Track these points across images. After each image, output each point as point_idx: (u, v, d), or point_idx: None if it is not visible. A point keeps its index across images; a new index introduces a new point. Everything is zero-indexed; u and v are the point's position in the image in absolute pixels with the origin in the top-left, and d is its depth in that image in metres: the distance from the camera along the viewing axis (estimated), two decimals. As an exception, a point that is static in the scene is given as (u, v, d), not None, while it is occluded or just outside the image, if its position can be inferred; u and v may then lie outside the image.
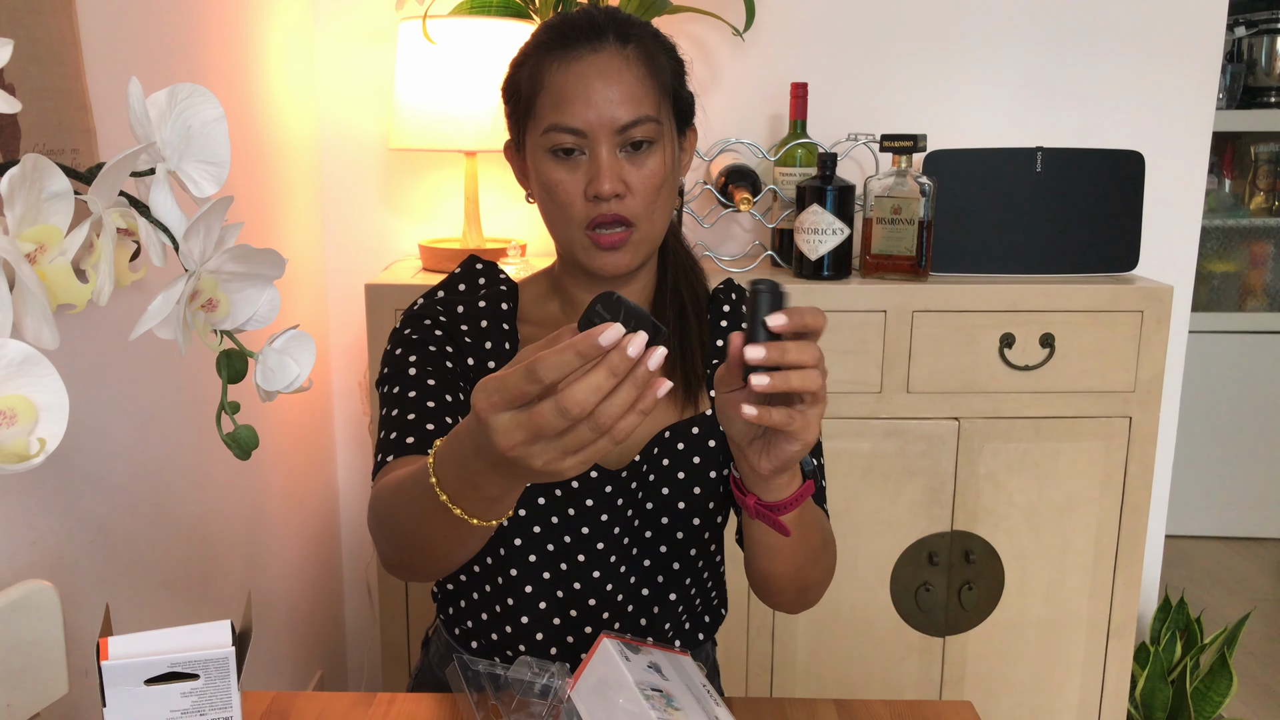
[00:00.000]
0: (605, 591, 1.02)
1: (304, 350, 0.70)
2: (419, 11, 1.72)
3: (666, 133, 0.97)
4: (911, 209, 1.67)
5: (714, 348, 1.06)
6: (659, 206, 0.97)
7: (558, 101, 0.93)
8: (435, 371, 0.99)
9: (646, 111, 0.94)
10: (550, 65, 0.94)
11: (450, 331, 1.02)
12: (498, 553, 1.02)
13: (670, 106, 0.98)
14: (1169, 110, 1.96)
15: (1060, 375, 1.69)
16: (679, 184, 1.02)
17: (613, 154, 0.94)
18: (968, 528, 1.73)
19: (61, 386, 0.55)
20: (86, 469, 1.17)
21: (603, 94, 0.92)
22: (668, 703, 0.84)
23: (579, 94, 0.93)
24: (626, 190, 0.94)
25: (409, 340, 1.01)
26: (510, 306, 1.04)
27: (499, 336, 1.02)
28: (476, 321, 1.03)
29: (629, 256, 0.96)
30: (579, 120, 0.93)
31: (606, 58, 0.93)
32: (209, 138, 0.65)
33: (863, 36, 1.94)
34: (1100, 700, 1.81)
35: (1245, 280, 3.32)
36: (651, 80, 0.95)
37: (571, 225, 0.96)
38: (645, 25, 0.98)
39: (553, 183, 0.95)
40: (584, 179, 0.94)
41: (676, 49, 1.01)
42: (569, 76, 0.93)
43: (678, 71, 1.00)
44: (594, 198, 0.94)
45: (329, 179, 2.01)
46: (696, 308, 1.06)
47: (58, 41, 1.05)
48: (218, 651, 0.75)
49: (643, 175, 0.95)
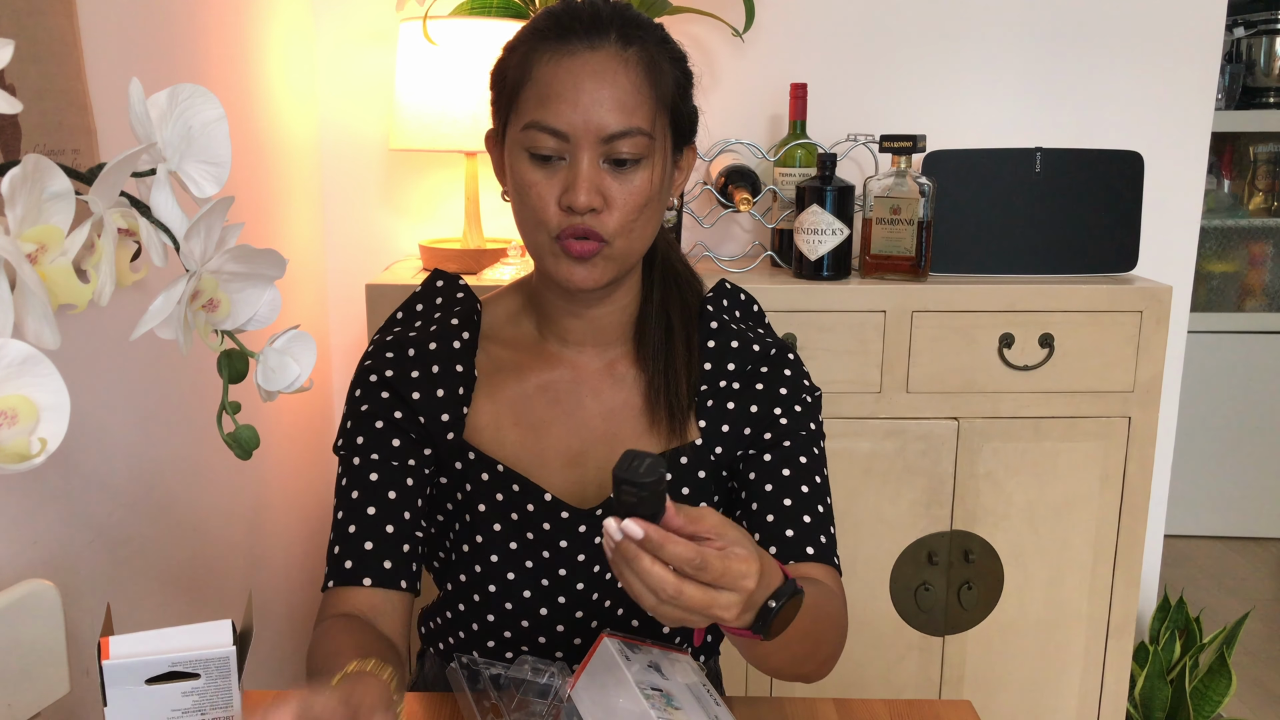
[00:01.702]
0: (591, 630, 1.00)
1: (305, 350, 0.70)
2: (419, 12, 1.73)
3: (658, 149, 0.89)
4: (911, 209, 1.67)
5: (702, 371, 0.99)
6: (639, 226, 0.89)
7: (543, 97, 0.86)
8: (380, 461, 0.94)
9: (638, 123, 0.86)
10: (542, 56, 0.87)
11: (398, 386, 0.95)
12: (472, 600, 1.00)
13: (668, 121, 0.90)
14: (1168, 110, 1.96)
15: (1059, 375, 1.69)
16: (668, 203, 0.94)
17: (594, 164, 0.86)
18: (967, 527, 1.73)
19: (62, 386, 0.55)
20: (87, 469, 1.17)
21: (592, 96, 0.85)
22: (668, 702, 0.84)
23: (566, 93, 0.85)
24: (604, 205, 0.87)
25: (358, 414, 0.96)
26: (466, 339, 0.97)
27: (451, 380, 0.96)
28: (428, 364, 0.96)
29: (597, 273, 0.89)
30: (562, 121, 0.85)
31: (604, 58, 0.86)
32: (210, 138, 0.65)
33: (863, 36, 1.94)
34: (1099, 699, 1.81)
35: (1244, 280, 3.32)
36: (650, 89, 0.87)
37: (540, 230, 0.89)
38: (654, 28, 0.91)
39: (527, 184, 0.88)
40: (560, 186, 0.87)
41: (687, 59, 0.94)
42: (559, 72, 0.86)
43: (682, 84, 0.92)
44: (567, 208, 0.87)
45: (329, 179, 2.01)
46: (686, 329, 0.99)
47: (58, 42, 1.05)
48: (219, 651, 0.75)
49: (625, 191, 0.87)
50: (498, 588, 0.99)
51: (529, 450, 0.97)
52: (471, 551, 0.99)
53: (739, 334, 1.01)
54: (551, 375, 0.98)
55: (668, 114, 0.90)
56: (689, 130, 0.95)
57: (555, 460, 0.97)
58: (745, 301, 1.07)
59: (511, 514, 0.97)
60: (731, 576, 0.68)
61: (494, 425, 0.97)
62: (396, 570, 0.93)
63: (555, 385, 0.98)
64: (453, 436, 0.96)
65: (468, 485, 0.98)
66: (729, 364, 1.00)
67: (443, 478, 0.99)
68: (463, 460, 0.97)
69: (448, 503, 1.00)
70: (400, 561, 0.93)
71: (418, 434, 0.96)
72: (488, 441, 0.97)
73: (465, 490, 0.98)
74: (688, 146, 0.96)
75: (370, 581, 0.92)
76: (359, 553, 0.92)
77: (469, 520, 0.99)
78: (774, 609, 0.74)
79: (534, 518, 0.97)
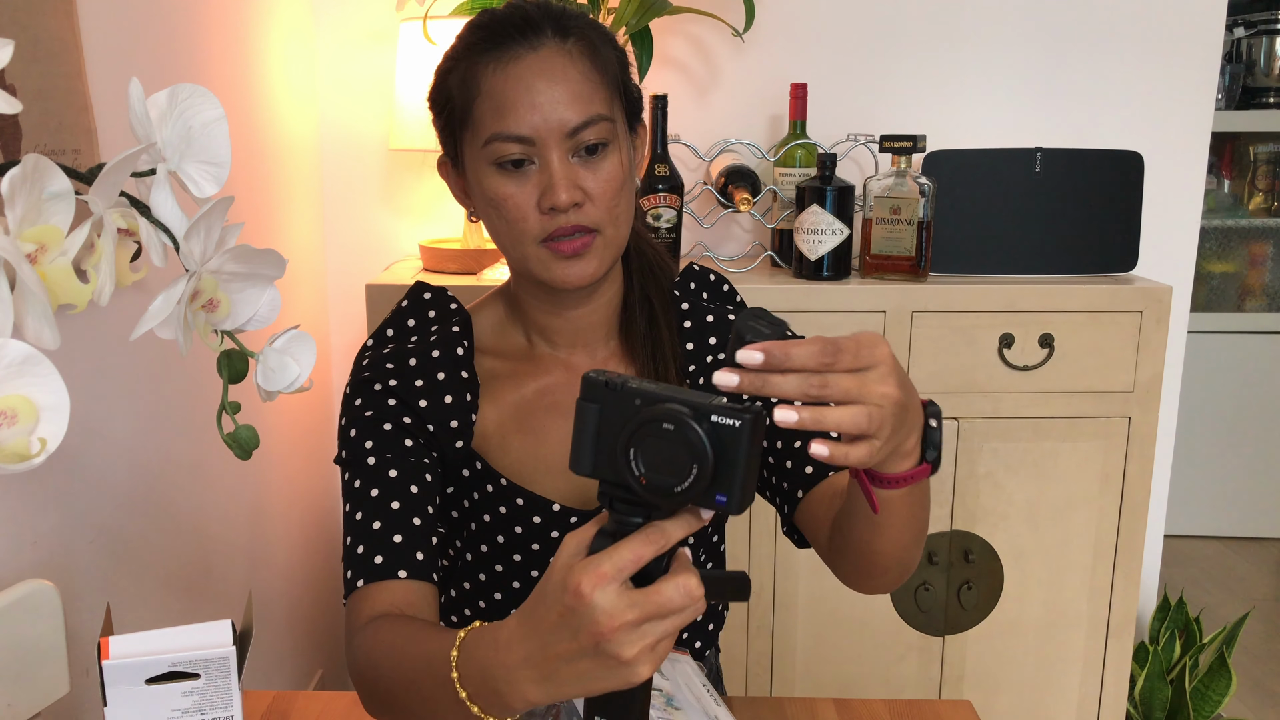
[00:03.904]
0: None
1: (304, 350, 0.70)
2: (419, 12, 1.73)
3: (620, 131, 0.90)
4: (911, 209, 1.67)
5: (685, 352, 0.99)
6: (621, 210, 0.89)
7: (498, 108, 0.85)
8: (395, 459, 0.91)
9: (597, 110, 0.86)
10: (485, 69, 0.86)
11: (404, 395, 0.94)
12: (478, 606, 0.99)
13: (620, 101, 0.91)
14: (1168, 110, 1.96)
15: (1059, 375, 1.69)
16: (636, 184, 0.95)
17: (564, 160, 0.86)
18: (967, 527, 1.73)
19: (62, 386, 0.55)
20: (87, 469, 1.17)
21: (547, 95, 0.85)
22: (667, 702, 0.84)
23: (521, 98, 0.85)
24: (585, 197, 0.86)
25: (363, 419, 0.93)
26: (467, 346, 0.96)
27: (458, 388, 0.95)
28: (432, 373, 0.95)
29: (594, 264, 0.89)
30: (524, 126, 0.85)
31: (547, 55, 0.86)
32: (209, 138, 0.65)
33: (863, 36, 1.94)
34: (1099, 699, 1.81)
35: (1244, 280, 3.32)
36: (598, 76, 0.88)
37: (525, 241, 0.88)
38: (582, 15, 0.91)
39: (500, 198, 0.87)
40: (535, 190, 0.86)
41: (617, 39, 0.93)
42: (507, 80, 0.85)
43: (623, 64, 0.92)
44: (549, 210, 0.86)
45: (329, 179, 2.01)
46: (666, 313, 0.99)
47: (58, 42, 1.05)
48: (218, 651, 0.75)
49: (600, 180, 0.87)
50: (503, 595, 0.99)
51: (532, 456, 0.97)
52: (476, 560, 0.99)
53: (714, 310, 1.02)
54: (547, 380, 0.98)
55: (619, 95, 0.91)
56: (638, 107, 0.95)
57: (558, 465, 0.97)
58: (715, 283, 1.06)
59: (516, 526, 0.97)
60: (867, 349, 0.62)
61: (499, 433, 0.97)
62: (428, 562, 0.89)
63: (553, 390, 0.98)
64: (461, 445, 0.95)
65: (475, 493, 0.97)
66: (710, 338, 1.01)
67: (449, 486, 0.99)
68: (470, 469, 0.97)
69: (454, 511, 1.00)
70: (430, 554, 0.89)
71: (426, 440, 0.95)
72: (493, 449, 0.97)
73: (473, 498, 0.98)
74: (639, 124, 0.96)
75: (405, 574, 0.86)
76: (389, 547, 0.87)
77: (475, 528, 0.98)
78: (936, 427, 0.69)
79: (541, 529, 0.97)
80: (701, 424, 0.57)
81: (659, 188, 1.73)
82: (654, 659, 0.60)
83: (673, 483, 0.57)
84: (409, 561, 0.87)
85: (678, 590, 0.58)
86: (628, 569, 0.59)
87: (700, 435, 0.57)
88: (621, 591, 0.58)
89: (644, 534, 0.59)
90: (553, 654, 0.61)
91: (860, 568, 0.85)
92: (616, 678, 0.60)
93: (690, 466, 0.57)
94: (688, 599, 0.58)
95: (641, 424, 0.58)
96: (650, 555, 0.59)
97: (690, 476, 0.57)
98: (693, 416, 0.57)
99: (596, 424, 0.60)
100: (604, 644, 0.59)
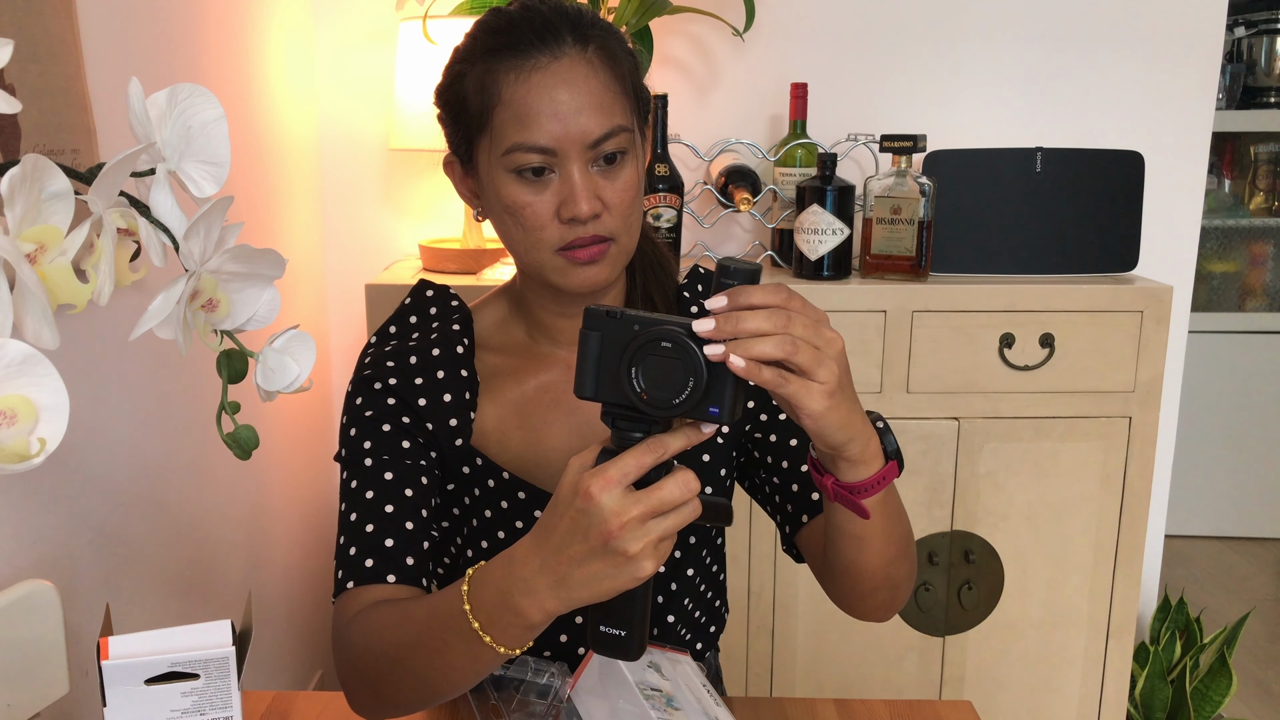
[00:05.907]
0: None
1: (304, 350, 0.70)
2: (419, 12, 1.72)
3: (636, 138, 0.90)
4: (911, 209, 1.67)
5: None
6: (634, 216, 0.90)
7: (521, 118, 0.85)
8: (392, 461, 0.92)
9: (618, 121, 0.86)
10: (505, 76, 0.85)
11: (403, 394, 0.94)
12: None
13: (635, 106, 0.91)
14: (1169, 110, 1.96)
15: (1060, 375, 1.69)
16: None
17: (585, 172, 0.86)
18: (967, 527, 1.73)
19: (62, 386, 0.55)
20: (87, 469, 1.17)
21: (570, 106, 0.84)
22: (667, 703, 0.84)
23: (544, 109, 0.84)
24: (603, 207, 0.87)
25: (362, 419, 0.94)
26: (467, 345, 0.97)
27: (458, 386, 0.95)
28: (432, 371, 0.95)
29: (608, 270, 0.89)
30: (546, 138, 0.84)
31: (569, 64, 0.85)
32: (209, 138, 0.65)
33: (863, 36, 1.94)
34: (1100, 700, 1.81)
35: (1245, 280, 3.31)
36: (618, 85, 0.88)
37: (541, 249, 0.88)
38: (596, 17, 0.90)
39: (519, 205, 0.87)
40: (554, 200, 0.86)
41: (627, 39, 0.93)
42: (530, 89, 0.84)
43: (636, 66, 0.92)
44: (569, 220, 0.86)
45: (329, 179, 2.01)
46: (668, 310, 0.99)
47: (58, 41, 1.05)
48: (218, 651, 0.75)
49: (617, 189, 0.87)
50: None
51: (532, 452, 0.97)
52: (477, 556, 0.99)
53: None
54: (548, 377, 0.98)
55: (634, 100, 0.91)
56: (648, 109, 0.95)
57: (559, 461, 0.97)
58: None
59: (517, 521, 0.97)
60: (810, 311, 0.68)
61: (499, 429, 0.97)
62: (418, 567, 0.90)
63: (553, 386, 0.98)
64: (460, 443, 0.96)
65: (475, 490, 0.97)
66: None
67: (449, 484, 0.99)
68: (470, 465, 0.97)
69: (454, 508, 1.00)
70: (421, 559, 0.90)
71: (425, 439, 0.95)
72: (493, 446, 0.97)
73: (473, 495, 0.98)
74: (645, 124, 0.96)
75: (395, 579, 0.88)
76: (380, 550, 0.88)
77: (475, 525, 0.98)
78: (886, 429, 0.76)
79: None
80: (696, 341, 0.64)
81: (659, 187, 1.73)
82: (657, 556, 0.66)
83: (670, 396, 0.64)
84: (398, 566, 0.89)
85: (677, 485, 0.65)
86: (631, 474, 0.65)
87: (695, 351, 0.63)
88: (626, 492, 0.65)
89: (645, 445, 0.65)
90: (565, 557, 0.67)
91: (849, 588, 0.89)
92: (624, 575, 0.66)
93: (687, 380, 0.64)
94: (686, 492, 0.65)
95: (642, 344, 0.64)
96: (651, 463, 0.65)
97: (687, 390, 0.64)
98: (688, 335, 0.64)
99: (598, 350, 0.66)
100: (612, 541, 0.64)
